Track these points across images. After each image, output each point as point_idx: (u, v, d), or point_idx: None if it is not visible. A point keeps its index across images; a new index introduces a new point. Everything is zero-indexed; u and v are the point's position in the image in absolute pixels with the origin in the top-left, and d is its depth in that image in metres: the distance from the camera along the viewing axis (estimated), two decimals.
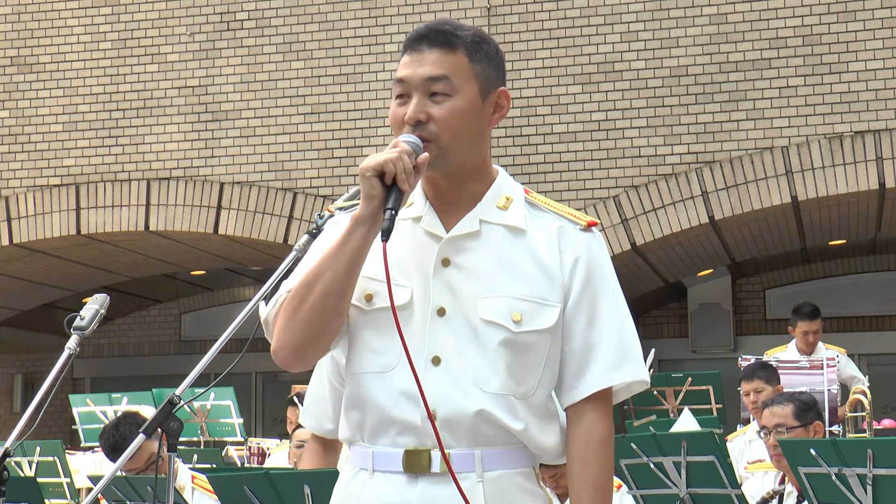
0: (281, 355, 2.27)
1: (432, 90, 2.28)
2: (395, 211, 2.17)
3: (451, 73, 2.29)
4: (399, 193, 2.19)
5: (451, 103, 2.28)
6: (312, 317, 2.23)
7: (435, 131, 2.27)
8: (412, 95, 2.29)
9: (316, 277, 2.23)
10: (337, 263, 2.22)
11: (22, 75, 11.21)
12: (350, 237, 2.22)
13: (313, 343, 2.27)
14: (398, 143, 2.23)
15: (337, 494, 2.35)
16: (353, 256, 2.22)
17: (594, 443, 2.29)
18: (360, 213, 2.22)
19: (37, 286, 12.87)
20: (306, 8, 10.65)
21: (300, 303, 2.24)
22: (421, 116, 2.27)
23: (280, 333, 2.27)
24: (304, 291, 2.24)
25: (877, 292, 13.68)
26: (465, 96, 2.29)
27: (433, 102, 2.28)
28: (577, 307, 2.31)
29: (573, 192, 9.84)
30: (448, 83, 2.28)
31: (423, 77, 2.28)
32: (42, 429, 13.89)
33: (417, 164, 2.21)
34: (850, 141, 9.49)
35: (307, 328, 2.24)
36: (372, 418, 2.28)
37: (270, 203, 10.50)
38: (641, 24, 9.98)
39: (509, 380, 2.25)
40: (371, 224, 2.21)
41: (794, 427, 5.00)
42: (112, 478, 2.41)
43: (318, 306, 2.22)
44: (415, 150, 2.22)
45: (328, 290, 2.22)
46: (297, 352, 2.27)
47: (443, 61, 2.29)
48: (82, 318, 3.09)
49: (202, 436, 9.05)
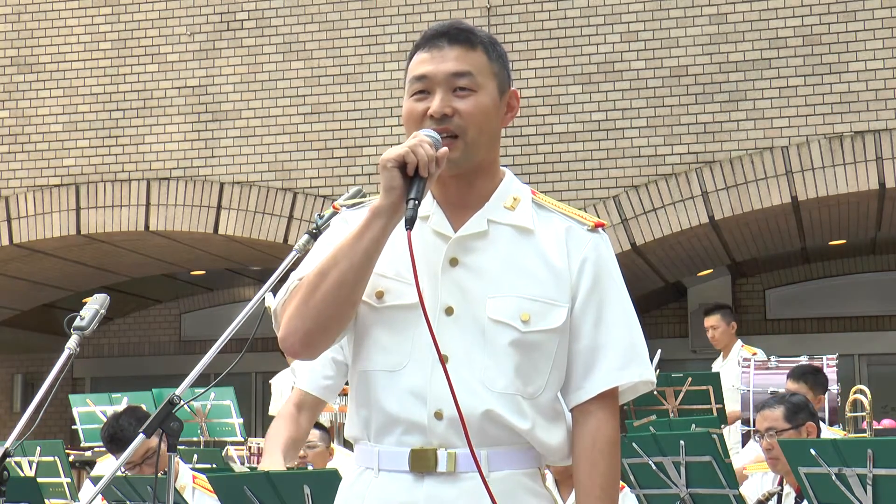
0: (289, 342, 2.26)
1: (457, 85, 2.29)
2: (417, 201, 2.17)
3: (475, 69, 2.30)
4: (422, 183, 2.18)
5: (476, 98, 2.29)
6: (325, 305, 2.21)
7: (462, 125, 2.27)
8: (434, 91, 2.29)
9: (331, 266, 2.22)
10: (353, 253, 2.20)
11: (22, 75, 11.22)
12: (369, 227, 2.21)
13: (324, 331, 2.25)
14: (418, 135, 2.23)
15: (342, 493, 2.35)
16: (370, 246, 2.20)
17: (601, 443, 2.29)
18: (380, 205, 2.21)
19: (37, 286, 12.87)
20: (306, 8, 10.65)
21: (313, 290, 2.22)
22: (447, 110, 2.27)
23: (290, 321, 2.25)
24: (318, 279, 2.22)
25: (877, 292, 13.68)
26: (487, 93, 2.31)
27: (457, 97, 2.29)
28: (585, 308, 2.32)
29: (573, 192, 9.84)
30: (472, 79, 2.29)
31: (447, 72, 2.29)
32: (42, 429, 13.89)
33: (438, 156, 2.21)
34: (850, 141, 9.49)
35: (319, 316, 2.22)
36: (378, 417, 2.28)
37: (270, 203, 10.50)
38: (641, 24, 9.98)
39: (517, 380, 2.26)
40: (391, 215, 2.20)
41: (785, 429, 5.00)
42: (112, 478, 2.42)
43: (331, 294, 2.21)
44: (435, 144, 2.22)
45: (343, 278, 2.20)
46: (305, 339, 2.25)
47: (466, 58, 2.30)
48: (82, 318, 3.09)
49: (202, 436, 9.05)
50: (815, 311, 13.87)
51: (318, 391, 3.48)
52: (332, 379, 3.45)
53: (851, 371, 13.11)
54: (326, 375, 3.45)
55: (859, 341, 13.47)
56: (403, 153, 2.18)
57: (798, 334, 13.72)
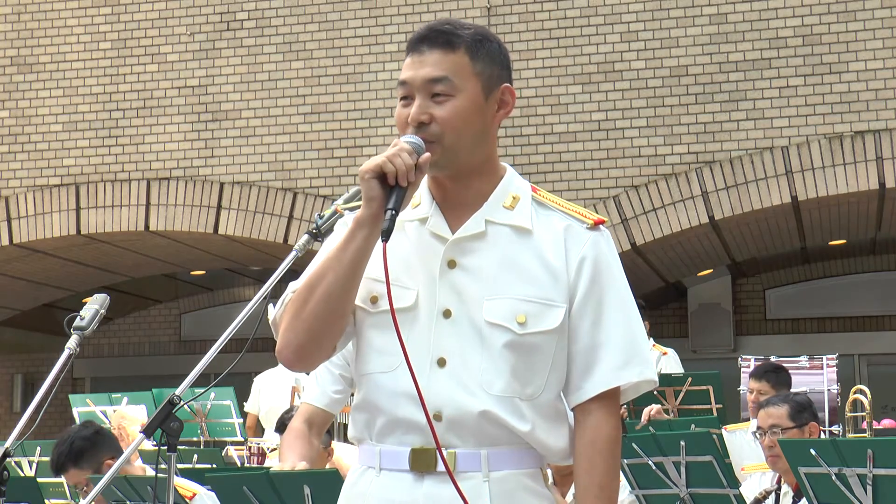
0: (284, 355, 2.29)
1: (434, 91, 2.29)
2: (395, 211, 2.18)
3: (452, 73, 2.29)
4: (401, 192, 2.19)
5: (453, 103, 2.28)
6: (315, 318, 2.24)
7: (438, 132, 2.27)
8: (415, 97, 2.29)
9: (318, 279, 2.24)
10: (339, 265, 2.22)
11: (22, 75, 11.22)
12: (352, 239, 2.22)
13: (316, 344, 2.27)
14: (398, 143, 2.24)
15: (345, 493, 2.37)
16: (354, 258, 2.22)
17: (601, 442, 2.29)
18: (361, 216, 2.22)
19: (37, 286, 12.87)
20: (306, 8, 10.65)
21: (303, 304, 2.25)
22: (423, 118, 2.27)
23: (284, 333, 2.28)
24: (306, 293, 2.25)
25: (877, 292, 13.68)
26: (466, 95, 2.29)
27: (435, 103, 2.28)
28: (583, 307, 2.31)
29: (573, 192, 9.84)
30: (449, 83, 2.28)
31: (423, 79, 2.29)
32: (42, 429, 13.87)
33: (420, 163, 2.22)
34: (850, 141, 9.50)
35: (310, 329, 2.25)
36: (379, 418, 2.29)
37: (270, 203, 10.50)
38: (641, 24, 9.98)
39: (514, 382, 2.25)
40: (372, 226, 2.21)
41: (789, 428, 5.00)
42: (112, 478, 2.42)
43: (320, 308, 2.23)
44: (416, 150, 2.23)
45: (330, 291, 2.23)
46: (299, 352, 2.28)
47: (443, 62, 2.29)
48: (82, 318, 3.09)
49: (202, 436, 9.05)
50: (815, 311, 13.87)
51: (328, 406, 3.60)
52: (341, 394, 3.59)
53: (851, 371, 13.10)
54: (336, 391, 3.57)
55: (859, 341, 13.47)
56: (381, 163, 2.19)
57: (798, 334, 13.72)
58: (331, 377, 3.56)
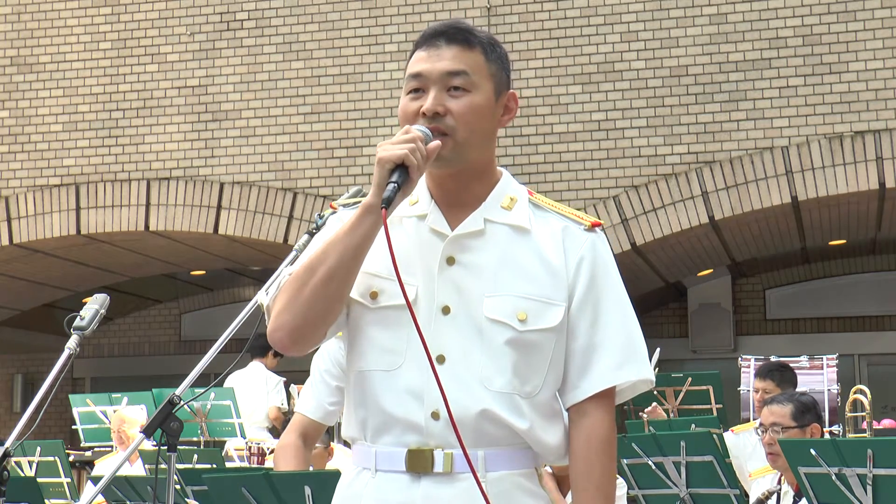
0: (277, 336, 2.26)
1: (451, 84, 2.29)
2: (397, 185, 2.17)
3: (471, 69, 2.30)
4: (405, 170, 2.19)
5: (470, 98, 2.29)
6: (313, 300, 2.22)
7: (452, 125, 2.27)
8: (429, 89, 2.29)
9: (320, 261, 2.22)
10: (342, 248, 2.21)
11: (22, 75, 11.21)
12: (359, 223, 2.21)
13: (312, 327, 2.25)
14: (409, 129, 2.23)
15: (339, 494, 2.35)
16: (360, 242, 2.21)
17: (596, 442, 2.29)
18: (371, 201, 2.21)
19: (37, 286, 12.87)
20: (306, 8, 10.65)
21: (302, 285, 2.22)
22: (439, 109, 2.27)
23: (278, 315, 2.25)
24: (307, 274, 2.23)
25: (877, 292, 13.68)
26: (482, 93, 2.30)
27: (451, 97, 2.28)
28: (582, 307, 2.32)
29: (573, 192, 9.84)
30: (467, 78, 2.29)
31: (442, 71, 2.28)
32: (42, 429, 13.89)
33: (428, 151, 2.22)
34: (850, 141, 9.49)
35: (307, 311, 2.23)
36: (375, 417, 2.28)
37: (270, 203, 10.50)
38: (641, 24, 9.97)
39: (514, 378, 2.25)
40: (380, 213, 2.20)
41: (791, 427, 5.00)
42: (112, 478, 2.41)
43: (319, 290, 2.21)
44: (426, 139, 2.23)
45: (332, 273, 2.21)
46: (293, 334, 2.25)
47: (462, 57, 2.30)
48: (82, 318, 3.09)
49: (202, 436, 9.05)
50: (815, 311, 13.87)
51: (323, 418, 3.64)
52: (336, 405, 3.63)
53: (851, 371, 13.11)
54: (332, 402, 3.59)
55: (859, 341, 13.47)
56: (402, 156, 2.18)
57: (798, 334, 13.72)
58: (327, 389, 3.56)
